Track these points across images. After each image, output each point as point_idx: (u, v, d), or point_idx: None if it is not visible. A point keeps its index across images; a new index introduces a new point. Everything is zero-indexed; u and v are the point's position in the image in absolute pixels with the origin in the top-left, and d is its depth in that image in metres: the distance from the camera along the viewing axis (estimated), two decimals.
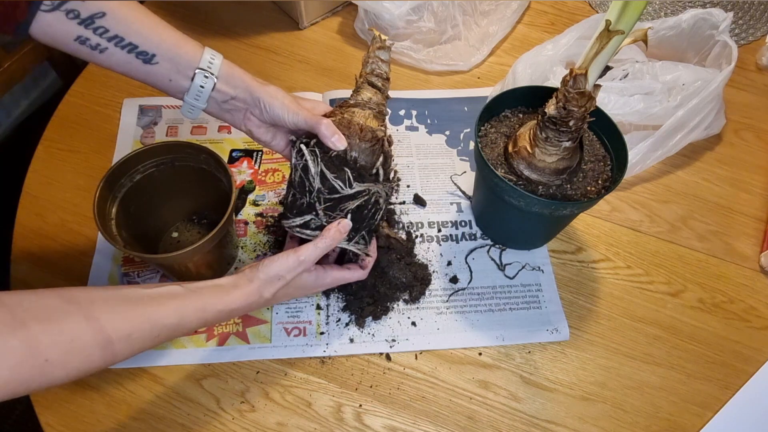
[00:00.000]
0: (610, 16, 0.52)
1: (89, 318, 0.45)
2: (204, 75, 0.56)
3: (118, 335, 0.47)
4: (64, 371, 0.44)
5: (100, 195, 0.62)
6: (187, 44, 0.56)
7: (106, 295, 0.48)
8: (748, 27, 1.05)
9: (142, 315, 0.49)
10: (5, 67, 1.01)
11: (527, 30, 1.04)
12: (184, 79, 0.56)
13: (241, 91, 0.58)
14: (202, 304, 0.53)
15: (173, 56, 0.55)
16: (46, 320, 0.43)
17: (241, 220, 0.79)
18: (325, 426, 0.64)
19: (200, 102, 0.58)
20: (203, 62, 0.56)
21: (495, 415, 0.66)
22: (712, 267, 0.79)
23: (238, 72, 0.59)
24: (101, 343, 0.46)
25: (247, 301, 0.56)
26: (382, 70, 0.63)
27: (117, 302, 0.48)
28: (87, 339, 0.45)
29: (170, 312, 0.51)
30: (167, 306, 0.51)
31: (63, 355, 0.44)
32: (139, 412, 0.64)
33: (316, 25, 1.02)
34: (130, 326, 0.48)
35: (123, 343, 0.47)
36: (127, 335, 0.47)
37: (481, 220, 0.79)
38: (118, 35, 0.52)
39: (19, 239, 0.75)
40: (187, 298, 0.52)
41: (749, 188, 0.86)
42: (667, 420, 0.67)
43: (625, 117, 0.80)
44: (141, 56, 0.54)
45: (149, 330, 0.49)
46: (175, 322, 0.51)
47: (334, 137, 0.56)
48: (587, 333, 0.72)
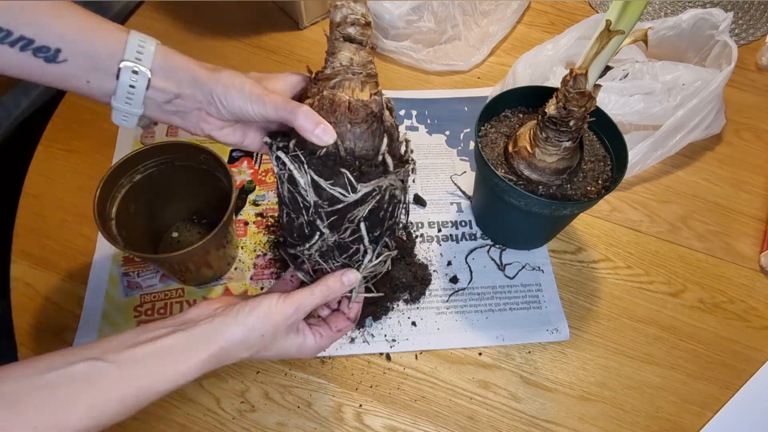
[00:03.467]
0: (610, 16, 0.52)
1: (12, 410, 0.35)
2: (132, 70, 0.42)
3: (45, 427, 0.36)
4: None
5: (100, 195, 0.62)
6: (103, 31, 0.42)
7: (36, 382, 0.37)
8: (748, 27, 1.05)
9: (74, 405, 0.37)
10: None
11: (527, 30, 1.04)
12: (106, 79, 0.43)
13: (186, 86, 0.45)
14: (134, 388, 0.40)
15: (86, 49, 0.41)
16: None
17: (241, 220, 0.79)
18: (325, 426, 0.64)
19: (134, 106, 0.44)
20: (129, 52, 0.42)
21: (495, 415, 0.66)
22: (712, 267, 0.79)
23: (179, 61, 0.44)
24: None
25: (201, 371, 0.43)
26: (358, 14, 0.45)
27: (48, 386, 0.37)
28: None
29: (113, 399, 0.39)
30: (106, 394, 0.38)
31: None
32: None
33: (316, 25, 1.02)
34: (61, 421, 0.37)
35: None
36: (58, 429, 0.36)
37: (481, 220, 0.79)
38: (2, 28, 0.39)
39: (19, 239, 0.75)
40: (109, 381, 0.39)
41: (749, 188, 0.86)
42: (667, 420, 0.67)
43: (625, 117, 0.80)
44: (40, 54, 0.40)
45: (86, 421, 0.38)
46: (119, 408, 0.39)
47: (317, 130, 0.42)
48: (587, 333, 0.72)
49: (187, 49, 1.00)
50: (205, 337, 0.43)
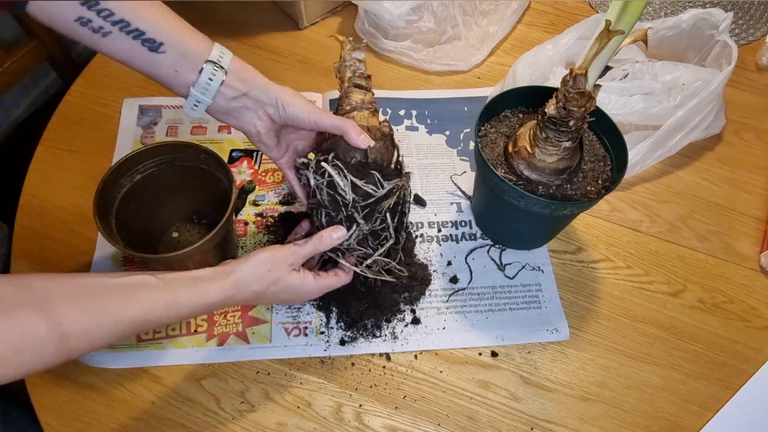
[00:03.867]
0: (610, 16, 0.52)
1: (44, 310, 0.42)
2: (213, 68, 0.54)
3: (75, 330, 0.43)
4: (11, 368, 0.41)
5: (100, 195, 0.62)
6: (195, 36, 0.54)
7: (65, 283, 0.45)
8: (748, 27, 1.05)
9: (104, 309, 0.45)
10: (5, 67, 1.01)
11: (527, 30, 1.04)
12: (191, 72, 0.54)
13: (253, 88, 0.57)
14: (173, 297, 0.50)
15: (181, 46, 0.53)
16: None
17: (241, 220, 0.79)
18: (325, 426, 0.64)
19: (207, 96, 0.55)
20: (213, 55, 0.54)
21: (495, 415, 0.66)
22: (712, 267, 0.79)
23: (249, 69, 0.57)
24: (55, 339, 0.42)
25: (225, 294, 0.53)
26: (362, 70, 0.64)
27: (77, 293, 0.45)
28: (39, 334, 0.41)
29: (137, 305, 0.47)
30: (134, 299, 0.47)
31: (11, 351, 0.40)
32: (139, 412, 0.64)
33: (316, 25, 1.02)
34: (89, 320, 0.44)
35: (80, 339, 0.44)
36: (85, 330, 0.44)
37: (481, 220, 0.79)
38: (123, 19, 0.50)
39: (19, 239, 0.75)
40: (157, 290, 0.49)
41: (749, 188, 0.86)
42: (667, 420, 0.67)
43: (625, 117, 0.80)
44: (147, 43, 0.51)
45: (111, 325, 0.46)
46: (142, 317, 0.48)
47: (361, 137, 0.58)
48: (587, 333, 0.72)
49: None
50: (225, 272, 0.54)
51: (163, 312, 0.49)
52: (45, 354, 0.42)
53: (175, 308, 0.50)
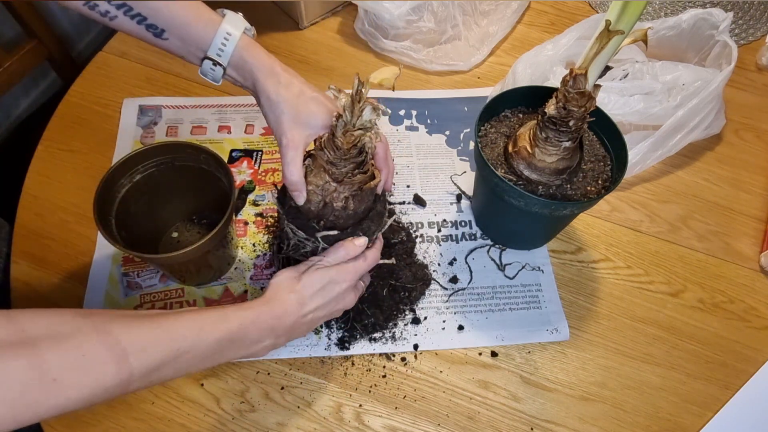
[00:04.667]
0: (610, 16, 0.52)
1: (102, 332, 0.42)
2: (211, 64, 0.54)
3: (132, 347, 0.43)
4: (75, 391, 0.40)
5: (100, 195, 0.62)
6: (200, 23, 0.53)
7: (123, 313, 0.45)
8: (748, 27, 1.05)
9: (157, 327, 0.45)
10: (5, 67, 1.01)
11: (527, 30, 1.04)
12: (194, 59, 0.55)
13: (250, 84, 0.56)
14: (222, 312, 0.49)
15: (183, 35, 0.53)
16: (56, 336, 0.40)
17: (241, 220, 0.79)
18: (325, 426, 0.64)
19: (213, 80, 0.56)
20: (212, 49, 0.53)
21: (495, 415, 0.66)
22: (712, 267, 0.78)
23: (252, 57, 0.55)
24: (115, 358, 0.42)
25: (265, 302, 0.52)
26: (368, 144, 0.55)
27: (133, 317, 0.45)
28: (99, 354, 0.41)
29: (187, 322, 0.47)
30: (184, 316, 0.47)
31: (73, 373, 0.40)
32: (139, 412, 0.64)
33: (316, 25, 1.02)
34: (145, 338, 0.44)
35: (139, 358, 0.43)
36: (143, 347, 0.43)
37: (481, 220, 0.79)
38: (126, 4, 0.51)
39: (19, 239, 0.75)
40: (203, 311, 0.49)
41: (749, 188, 0.86)
42: (667, 420, 0.67)
43: (625, 117, 0.80)
44: (151, 29, 0.52)
45: (167, 342, 0.45)
46: (194, 332, 0.47)
47: (294, 192, 0.56)
48: (587, 333, 0.72)
49: None
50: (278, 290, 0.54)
51: (212, 327, 0.48)
52: (107, 373, 0.41)
53: (225, 324, 0.49)
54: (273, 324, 0.52)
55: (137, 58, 0.95)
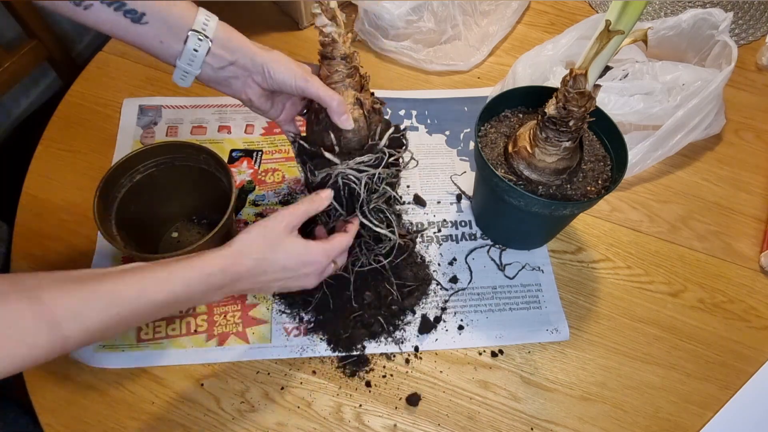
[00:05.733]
0: (610, 16, 0.52)
1: (32, 298, 0.41)
2: (198, 38, 0.52)
3: (65, 314, 0.42)
4: (5, 362, 0.40)
5: (100, 195, 0.62)
6: (179, 5, 0.52)
7: (55, 277, 0.44)
8: (748, 27, 1.05)
9: (93, 291, 0.44)
10: (5, 67, 1.01)
11: (527, 30, 1.04)
12: (176, 42, 0.52)
13: (240, 56, 0.55)
14: (167, 271, 0.47)
15: (164, 16, 0.51)
16: None
17: (241, 220, 0.79)
18: (325, 426, 0.64)
19: (193, 67, 0.54)
20: (197, 23, 0.52)
21: (495, 415, 0.66)
22: (712, 267, 0.78)
23: (237, 36, 0.55)
24: (46, 326, 0.41)
25: (224, 264, 0.50)
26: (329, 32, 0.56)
27: (66, 282, 0.43)
28: (28, 322, 0.40)
29: (128, 284, 0.45)
30: (124, 278, 0.45)
31: (3, 343, 0.40)
32: (139, 412, 0.64)
33: None
34: (79, 304, 0.43)
35: (73, 324, 0.42)
36: (77, 313, 0.43)
37: (481, 220, 0.79)
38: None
39: (19, 239, 0.75)
40: (149, 269, 0.47)
41: (749, 188, 0.86)
42: (667, 420, 0.67)
43: (625, 117, 0.80)
44: (129, 14, 0.50)
45: (104, 307, 0.44)
46: (135, 296, 0.45)
47: (343, 117, 0.55)
48: (587, 333, 0.72)
49: None
50: (222, 246, 0.52)
51: (156, 289, 0.47)
52: (38, 343, 0.41)
53: (170, 283, 0.47)
54: (224, 286, 0.51)
55: (137, 58, 0.95)
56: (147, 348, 0.68)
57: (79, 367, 0.66)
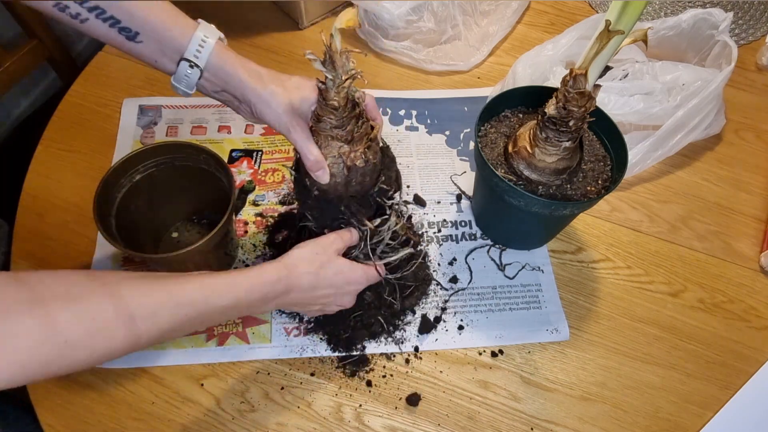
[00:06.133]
0: (610, 16, 0.52)
1: (113, 294, 0.42)
2: (189, 65, 0.52)
3: (141, 312, 0.44)
4: (86, 352, 0.41)
5: (100, 195, 0.62)
6: (176, 25, 0.52)
7: (129, 274, 0.46)
8: (748, 27, 1.05)
9: (167, 292, 0.46)
10: (5, 67, 1.01)
11: (527, 30, 1.04)
12: (169, 63, 0.53)
13: (231, 88, 0.55)
14: (230, 278, 0.50)
15: (159, 38, 0.51)
16: (66, 298, 0.40)
17: (241, 220, 0.79)
18: (325, 426, 0.64)
19: (187, 88, 0.54)
20: (189, 51, 0.52)
21: (495, 415, 0.66)
22: (712, 267, 0.78)
23: (231, 64, 0.54)
24: (124, 321, 0.43)
25: (279, 275, 0.53)
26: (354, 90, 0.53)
27: (142, 281, 0.45)
28: (109, 316, 0.42)
29: (196, 288, 0.48)
30: (192, 282, 0.48)
31: (84, 335, 0.41)
32: (139, 412, 0.64)
33: (316, 25, 1.02)
34: (153, 302, 0.45)
35: (147, 322, 0.44)
36: (152, 312, 0.44)
37: (481, 220, 0.79)
38: (98, 7, 0.48)
39: (19, 239, 0.75)
40: (213, 277, 0.50)
41: (749, 188, 0.86)
42: (667, 420, 0.67)
43: (625, 117, 0.80)
44: (123, 32, 0.50)
45: (174, 306, 0.46)
46: (202, 299, 0.48)
47: (317, 173, 0.55)
48: (587, 333, 0.72)
49: None
50: (277, 259, 0.55)
51: (222, 293, 0.49)
52: (117, 337, 0.42)
53: (232, 289, 0.50)
54: (278, 296, 0.54)
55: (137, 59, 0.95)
56: (147, 348, 0.68)
57: None
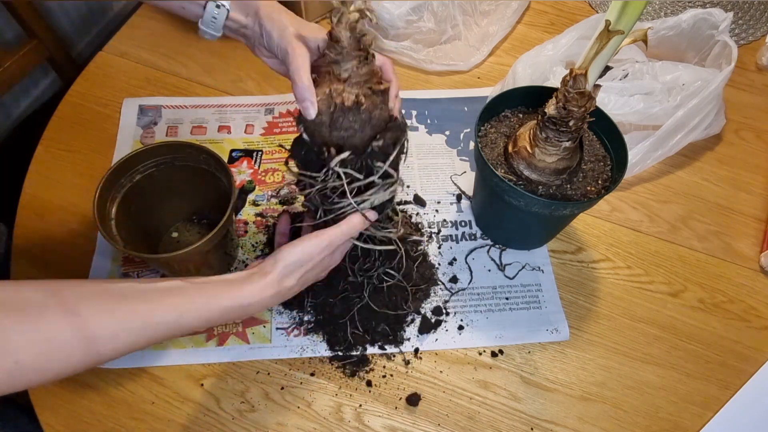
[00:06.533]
0: (610, 16, 0.52)
1: (71, 314, 0.40)
2: (215, 5, 0.55)
3: (102, 333, 0.42)
4: (37, 374, 0.39)
5: (100, 195, 0.62)
6: None
7: (95, 289, 0.44)
8: (748, 27, 1.05)
9: (133, 312, 0.44)
10: (5, 67, 1.01)
11: (527, 30, 1.04)
12: (196, 7, 0.56)
13: (251, 20, 0.56)
14: (205, 300, 0.48)
15: None
16: (22, 315, 0.38)
17: (241, 220, 0.79)
18: (325, 426, 0.64)
19: (215, 30, 0.57)
20: None
21: (495, 415, 0.66)
22: (712, 267, 0.78)
23: None
24: (83, 343, 0.41)
25: (263, 294, 0.50)
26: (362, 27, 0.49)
27: (106, 298, 0.43)
28: (66, 338, 0.40)
29: (167, 309, 0.46)
30: (164, 302, 0.46)
31: (37, 357, 0.39)
32: (139, 412, 0.64)
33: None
34: (117, 324, 0.43)
35: (109, 343, 0.42)
36: (114, 335, 0.43)
37: (481, 220, 0.79)
38: None
39: (19, 239, 0.75)
40: (188, 294, 0.47)
41: (749, 188, 0.86)
42: (667, 420, 0.67)
43: (625, 117, 0.80)
44: None
45: (140, 328, 0.44)
46: (173, 320, 0.46)
47: (303, 103, 0.50)
48: (587, 333, 0.72)
49: (187, 48, 1.00)
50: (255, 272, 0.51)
51: (194, 316, 0.47)
52: (72, 359, 0.41)
53: (206, 313, 0.48)
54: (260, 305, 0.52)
55: (137, 58, 0.95)
56: (147, 348, 0.68)
57: None
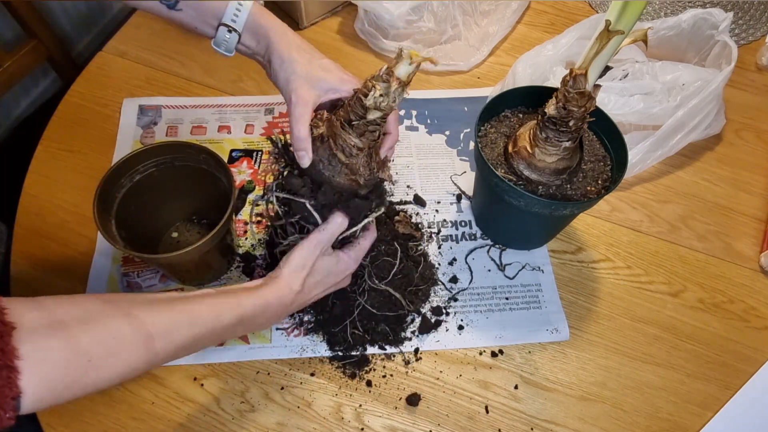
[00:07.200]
0: (610, 16, 0.52)
1: (128, 315, 0.44)
2: (227, 30, 0.55)
3: (157, 330, 0.45)
4: (108, 371, 0.42)
5: (100, 195, 0.62)
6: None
7: (142, 297, 0.48)
8: (748, 27, 1.05)
9: (179, 311, 0.48)
10: (5, 67, 1.01)
11: (527, 30, 1.04)
12: (208, 29, 0.56)
13: (262, 48, 0.57)
14: (236, 300, 0.52)
15: (197, 5, 0.55)
16: (85, 320, 0.42)
17: (241, 220, 0.79)
18: (325, 426, 0.64)
19: (227, 50, 0.57)
20: (227, 15, 0.55)
21: (495, 415, 0.66)
22: (712, 267, 0.78)
23: (267, 22, 0.56)
24: (142, 340, 0.44)
25: (278, 294, 0.54)
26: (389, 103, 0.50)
27: (153, 301, 0.47)
28: (128, 335, 0.43)
29: (206, 308, 0.49)
30: (202, 303, 0.50)
31: (106, 354, 0.42)
32: (139, 411, 0.64)
33: (316, 25, 1.02)
34: (168, 322, 0.47)
35: (163, 340, 0.46)
36: (167, 331, 0.46)
37: (481, 220, 0.79)
38: None
39: (19, 239, 0.75)
40: (220, 297, 0.51)
41: (749, 188, 0.86)
42: (667, 420, 0.67)
43: (625, 117, 0.80)
44: (164, 2, 0.54)
45: (188, 325, 0.48)
46: (212, 318, 0.50)
47: (298, 152, 0.54)
48: (587, 333, 0.72)
49: (187, 48, 1.00)
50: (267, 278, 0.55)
51: (229, 314, 0.51)
52: (136, 355, 0.44)
53: (238, 310, 0.51)
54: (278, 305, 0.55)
55: (137, 58, 0.95)
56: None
57: None
